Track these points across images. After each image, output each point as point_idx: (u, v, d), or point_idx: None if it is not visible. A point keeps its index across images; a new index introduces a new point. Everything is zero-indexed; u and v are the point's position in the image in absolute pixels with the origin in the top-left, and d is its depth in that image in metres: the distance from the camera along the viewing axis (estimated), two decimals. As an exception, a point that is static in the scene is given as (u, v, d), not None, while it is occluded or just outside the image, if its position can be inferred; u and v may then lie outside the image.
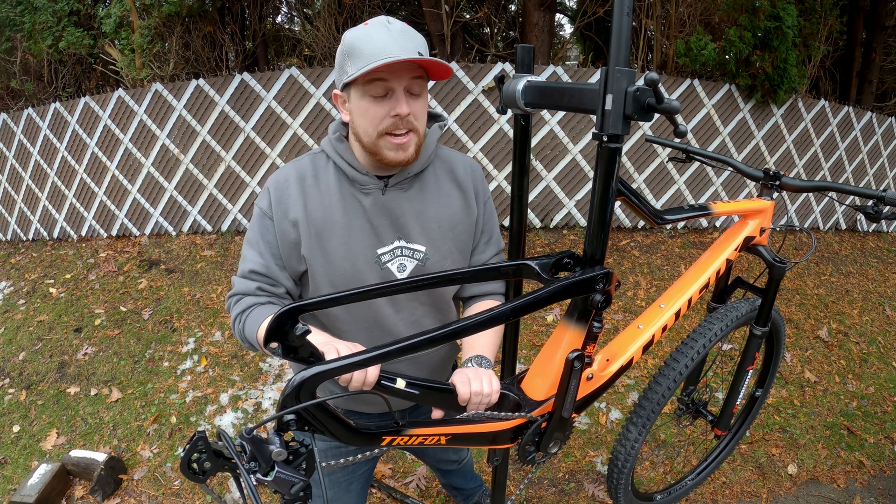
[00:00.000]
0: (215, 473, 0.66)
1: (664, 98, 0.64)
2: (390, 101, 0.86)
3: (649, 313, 1.02)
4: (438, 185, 0.99)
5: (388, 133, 0.88)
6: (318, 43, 4.02)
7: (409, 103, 0.87)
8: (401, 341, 0.69)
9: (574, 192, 3.75)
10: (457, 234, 1.00)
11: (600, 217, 0.76)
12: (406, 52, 0.83)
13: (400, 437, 0.76)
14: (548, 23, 4.10)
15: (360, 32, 0.86)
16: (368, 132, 0.88)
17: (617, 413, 2.48)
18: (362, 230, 0.95)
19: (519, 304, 0.76)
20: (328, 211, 0.94)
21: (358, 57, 0.84)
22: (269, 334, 0.71)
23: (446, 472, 1.60)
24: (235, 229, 3.86)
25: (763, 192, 1.17)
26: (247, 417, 2.50)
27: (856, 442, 2.43)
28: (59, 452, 2.35)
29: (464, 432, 0.82)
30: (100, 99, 3.76)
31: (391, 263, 0.97)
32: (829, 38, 4.30)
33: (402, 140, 0.88)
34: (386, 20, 0.86)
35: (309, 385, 0.65)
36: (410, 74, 0.86)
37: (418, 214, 0.97)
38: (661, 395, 1.10)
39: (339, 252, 0.94)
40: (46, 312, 3.37)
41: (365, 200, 0.95)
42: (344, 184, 0.95)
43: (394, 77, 0.85)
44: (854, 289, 3.73)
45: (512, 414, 0.85)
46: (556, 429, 0.89)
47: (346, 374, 0.71)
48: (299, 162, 0.98)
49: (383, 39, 0.83)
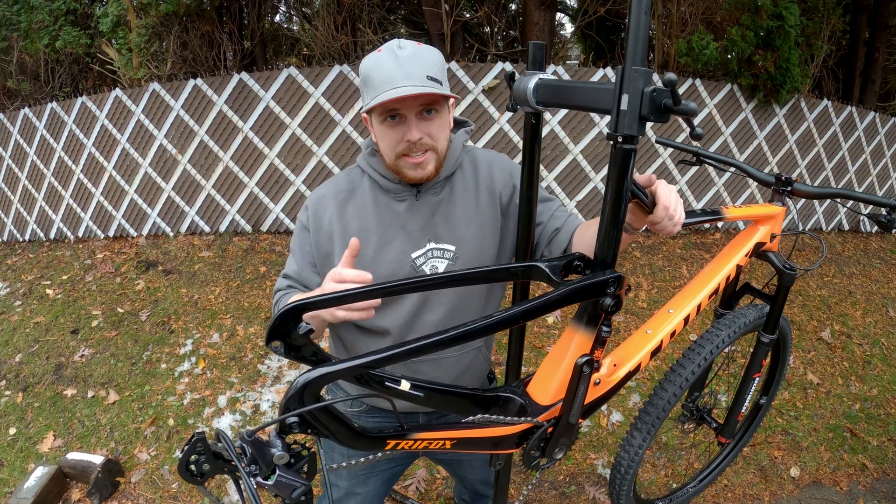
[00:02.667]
0: (214, 475, 0.65)
1: (681, 99, 0.63)
2: (403, 127, 0.92)
3: (658, 318, 1.01)
4: (465, 186, 1.04)
5: (406, 154, 0.94)
6: (317, 42, 4.01)
7: (422, 126, 0.92)
8: (407, 343, 0.69)
9: (575, 192, 3.74)
10: (485, 231, 1.04)
11: (612, 219, 0.74)
12: (412, 80, 0.86)
13: (405, 440, 0.76)
14: (548, 22, 4.09)
15: (372, 61, 0.90)
16: (388, 154, 0.95)
17: (618, 415, 2.48)
18: (396, 237, 1.00)
19: (530, 307, 0.75)
20: (363, 220, 1.00)
21: (370, 87, 0.89)
22: (272, 333, 0.71)
23: (475, 495, 1.49)
24: (234, 230, 3.85)
25: (774, 197, 1.16)
26: (245, 420, 2.49)
27: (859, 444, 2.42)
28: (56, 455, 2.34)
29: (469, 437, 0.81)
30: (97, 99, 3.75)
31: (425, 266, 1.01)
32: (831, 37, 4.30)
33: (420, 160, 0.94)
34: (397, 45, 0.90)
35: (313, 387, 0.65)
36: (420, 101, 0.90)
37: (447, 215, 1.01)
38: (666, 402, 1.08)
39: (375, 259, 1.00)
40: (43, 314, 3.36)
41: (399, 207, 1.01)
42: (378, 194, 1.02)
43: (402, 106, 0.89)
44: (857, 290, 3.73)
45: (517, 419, 0.84)
46: (562, 434, 0.88)
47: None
48: (336, 178, 1.06)
49: (391, 69, 0.87)
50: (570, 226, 1.05)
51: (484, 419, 0.82)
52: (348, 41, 4.06)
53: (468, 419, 0.82)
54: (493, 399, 0.88)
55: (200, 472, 0.64)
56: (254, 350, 2.89)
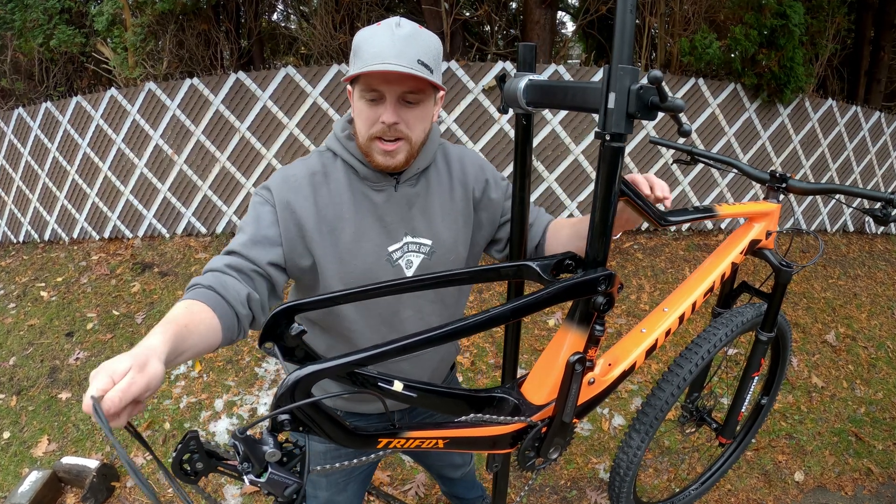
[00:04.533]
0: (208, 474, 0.65)
1: (668, 96, 0.63)
2: (380, 107, 0.88)
3: (652, 317, 1.01)
4: (440, 180, 1.02)
5: (378, 138, 0.90)
6: (315, 41, 3.99)
7: (401, 112, 0.88)
8: (397, 341, 0.70)
9: (576, 193, 3.72)
10: (459, 226, 1.03)
11: (602, 218, 0.76)
12: (401, 60, 0.82)
13: (397, 439, 0.75)
14: (549, 21, 4.07)
15: (368, 33, 0.87)
16: (362, 133, 0.91)
17: (620, 419, 2.47)
18: (373, 228, 0.97)
19: (519, 305, 0.75)
20: (339, 209, 0.96)
21: (359, 57, 0.85)
22: (265, 334, 0.72)
23: (448, 481, 1.59)
24: (231, 231, 3.84)
25: (769, 194, 1.16)
26: (242, 424, 2.47)
27: (864, 449, 2.41)
28: (51, 459, 2.33)
29: (462, 436, 0.81)
30: (92, 98, 3.73)
31: (401, 260, 0.99)
32: (836, 36, 4.29)
33: (390, 147, 0.90)
34: (396, 22, 0.86)
35: (304, 384, 0.65)
36: (403, 86, 0.86)
37: (424, 209, 1.00)
38: (664, 402, 1.08)
39: (352, 250, 0.96)
40: (37, 316, 3.35)
41: (377, 198, 0.97)
42: (354, 181, 0.97)
43: (385, 85, 0.85)
44: (862, 292, 3.72)
45: (511, 418, 0.84)
46: (557, 434, 0.88)
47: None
48: (307, 159, 1.00)
49: (384, 44, 0.83)
50: (541, 221, 1.06)
51: (477, 419, 0.82)
52: (347, 40, 4.03)
53: (461, 418, 0.81)
54: (487, 399, 0.88)
55: (194, 470, 0.64)
56: (251, 353, 2.87)
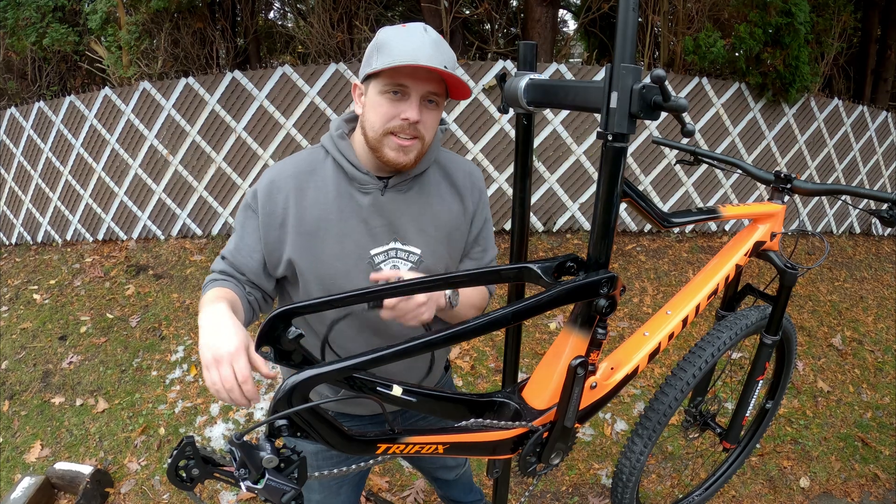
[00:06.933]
0: (203, 480, 0.65)
1: (671, 96, 0.63)
2: (403, 104, 0.89)
3: (655, 320, 1.01)
4: (438, 189, 1.02)
5: (394, 133, 0.90)
6: (313, 40, 3.98)
7: (422, 112, 0.89)
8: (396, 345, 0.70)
9: (578, 194, 3.70)
10: (452, 238, 1.03)
11: (604, 219, 0.76)
12: (433, 62, 0.85)
13: (396, 444, 0.75)
14: (551, 19, 4.04)
15: (397, 31, 0.89)
16: (375, 127, 0.90)
17: (622, 424, 2.46)
18: (356, 229, 0.97)
19: (520, 308, 0.75)
20: (323, 208, 0.96)
21: (387, 53, 0.86)
22: (261, 338, 0.73)
23: (444, 484, 1.58)
24: (226, 233, 3.83)
25: (774, 195, 1.16)
26: (238, 429, 2.45)
27: (870, 454, 2.40)
28: (44, 465, 2.32)
29: (462, 441, 0.80)
30: (85, 98, 3.72)
31: (384, 264, 0.99)
32: (842, 34, 4.29)
33: (406, 143, 0.91)
34: (423, 27, 0.89)
35: (302, 389, 0.65)
36: (430, 86, 0.88)
37: (416, 217, 0.99)
38: (667, 406, 1.07)
39: (331, 250, 0.96)
40: (30, 319, 3.33)
41: (363, 200, 0.96)
42: (342, 182, 0.97)
43: (413, 83, 0.87)
44: (869, 295, 3.72)
45: (512, 423, 0.84)
46: (559, 439, 0.88)
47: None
48: (296, 157, 1.00)
49: (416, 43, 0.86)
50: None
51: (477, 423, 0.81)
52: (344, 39, 4.01)
53: (461, 423, 0.81)
54: (487, 404, 0.88)
55: (190, 477, 0.64)
56: (247, 358, 2.84)
